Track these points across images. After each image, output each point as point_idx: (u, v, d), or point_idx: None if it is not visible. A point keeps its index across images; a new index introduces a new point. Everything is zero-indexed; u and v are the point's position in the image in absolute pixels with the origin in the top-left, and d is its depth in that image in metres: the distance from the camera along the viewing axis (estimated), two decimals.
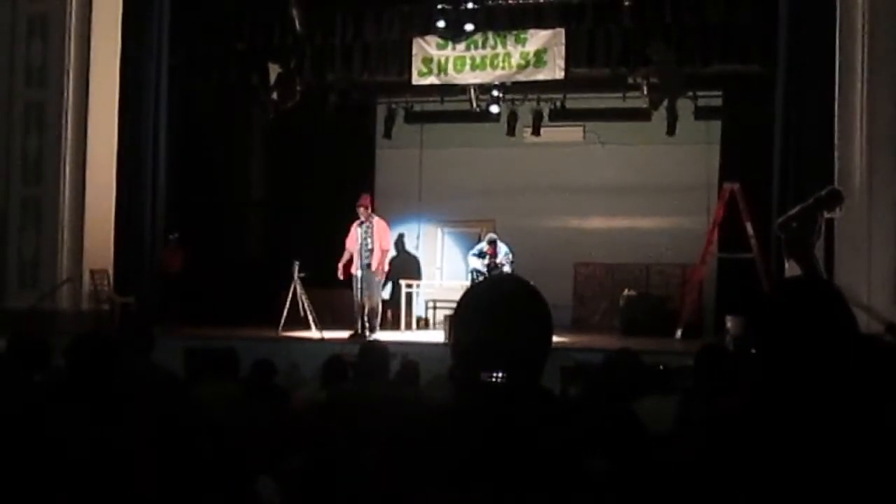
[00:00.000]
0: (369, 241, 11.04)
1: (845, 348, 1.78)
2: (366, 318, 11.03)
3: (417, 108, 15.17)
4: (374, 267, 11.01)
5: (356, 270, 11.00)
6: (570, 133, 14.91)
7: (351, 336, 10.84)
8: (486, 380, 1.78)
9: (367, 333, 10.88)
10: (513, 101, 14.28)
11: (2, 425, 2.92)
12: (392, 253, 12.71)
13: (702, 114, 13.77)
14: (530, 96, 14.16)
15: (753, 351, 1.83)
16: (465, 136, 14.97)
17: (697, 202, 13.73)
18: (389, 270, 11.86)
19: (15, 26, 11.74)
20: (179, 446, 2.95)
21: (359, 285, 11.01)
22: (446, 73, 12.81)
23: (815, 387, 1.74)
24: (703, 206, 13.52)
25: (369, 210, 11.20)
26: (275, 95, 12.93)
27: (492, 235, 12.82)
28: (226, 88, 13.44)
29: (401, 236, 15.43)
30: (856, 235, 9.60)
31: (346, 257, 11.11)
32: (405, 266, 15.10)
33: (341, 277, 11.13)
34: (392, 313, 13.47)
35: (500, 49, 12.57)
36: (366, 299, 11.02)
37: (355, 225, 11.11)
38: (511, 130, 14.52)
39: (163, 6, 12.29)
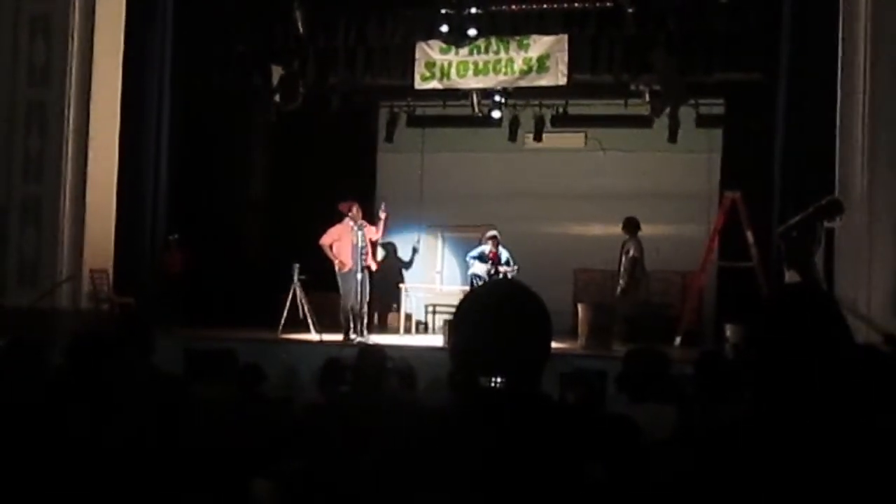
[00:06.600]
0: (364, 243, 11.08)
1: (841, 358, 1.78)
2: (359, 322, 11.04)
3: (419, 112, 15.18)
4: (371, 267, 11.24)
5: (356, 274, 10.98)
6: (572, 139, 14.93)
7: (343, 340, 10.79)
8: (485, 385, 1.78)
9: (360, 337, 10.89)
10: (515, 106, 14.29)
11: (2, 423, 2.92)
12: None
13: (703, 122, 13.79)
14: (532, 102, 14.18)
15: (752, 360, 1.82)
16: (466, 141, 14.98)
17: (698, 210, 13.73)
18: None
19: (18, 25, 11.73)
20: (177, 445, 2.95)
21: (357, 288, 11.00)
22: (449, 78, 12.80)
23: (814, 397, 1.74)
24: (703, 214, 13.51)
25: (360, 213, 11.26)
26: (277, 97, 12.94)
27: (493, 232, 12.63)
28: (228, 90, 13.42)
29: (394, 243, 15.45)
30: (856, 245, 9.58)
31: (342, 257, 11.06)
32: (401, 270, 15.11)
33: (346, 269, 11.03)
34: (391, 317, 13.44)
35: (502, 54, 12.56)
36: (361, 302, 11.05)
37: (348, 228, 11.06)
38: (513, 136, 14.53)
39: (166, 7, 12.29)
